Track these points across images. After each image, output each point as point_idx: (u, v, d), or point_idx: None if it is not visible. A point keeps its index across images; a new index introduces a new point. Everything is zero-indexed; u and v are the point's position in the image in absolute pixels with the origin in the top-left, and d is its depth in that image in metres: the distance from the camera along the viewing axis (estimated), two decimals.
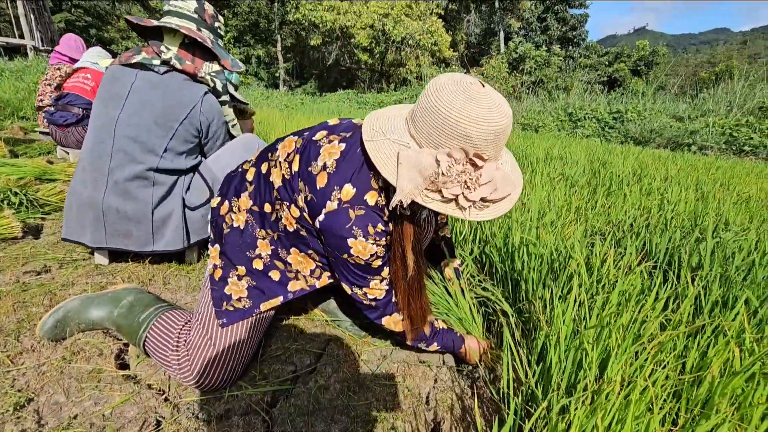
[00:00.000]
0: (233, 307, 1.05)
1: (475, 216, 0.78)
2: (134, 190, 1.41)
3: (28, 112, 5.15)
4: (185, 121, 1.43)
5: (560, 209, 1.92)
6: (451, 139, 0.75)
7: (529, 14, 27.00)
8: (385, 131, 0.83)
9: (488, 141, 0.75)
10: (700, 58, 44.94)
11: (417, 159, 0.75)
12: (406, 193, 0.75)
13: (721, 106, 9.71)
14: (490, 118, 0.74)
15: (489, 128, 0.74)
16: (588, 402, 0.79)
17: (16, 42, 14.38)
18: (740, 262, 1.37)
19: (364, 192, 0.87)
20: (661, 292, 1.13)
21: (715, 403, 0.83)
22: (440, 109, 0.75)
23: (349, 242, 0.86)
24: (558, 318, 0.97)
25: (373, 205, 0.87)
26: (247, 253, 1.05)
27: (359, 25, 20.44)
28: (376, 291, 0.97)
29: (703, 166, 4.16)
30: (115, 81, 1.44)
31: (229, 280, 1.06)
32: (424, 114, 0.78)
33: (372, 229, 0.86)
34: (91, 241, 1.46)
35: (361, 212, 0.86)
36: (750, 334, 0.95)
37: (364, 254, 0.88)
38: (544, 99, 13.30)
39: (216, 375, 0.99)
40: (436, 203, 0.77)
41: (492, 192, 0.77)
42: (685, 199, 2.23)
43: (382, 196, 0.88)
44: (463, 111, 0.73)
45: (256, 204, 1.04)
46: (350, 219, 0.85)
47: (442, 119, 0.75)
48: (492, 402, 1.07)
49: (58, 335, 1.14)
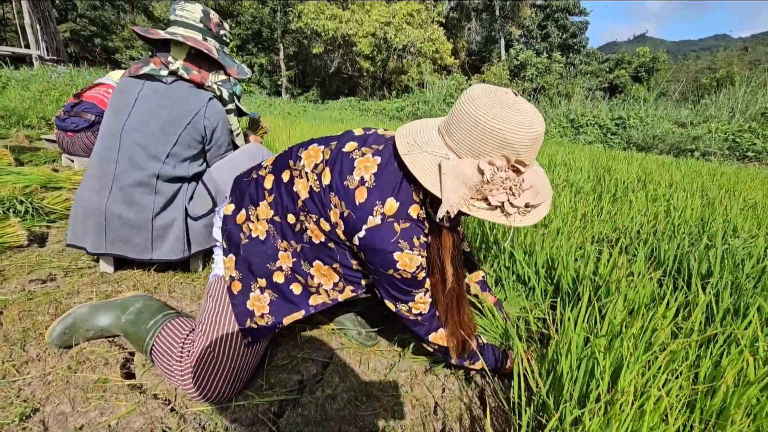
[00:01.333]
0: (257, 325, 1.02)
1: (519, 222, 0.78)
2: (137, 196, 1.42)
3: (33, 120, 5.19)
4: (189, 126, 1.44)
5: (566, 216, 1.91)
6: (492, 147, 0.76)
7: (529, 22, 27.19)
8: (421, 144, 0.83)
9: (527, 147, 0.77)
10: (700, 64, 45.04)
11: (459, 169, 0.76)
12: (452, 204, 0.76)
13: (724, 111, 9.71)
14: (528, 124, 0.75)
15: (528, 134, 0.75)
16: (602, 413, 0.78)
17: (21, 51, 14.55)
18: (750, 269, 1.36)
19: (407, 206, 0.87)
20: (671, 300, 1.12)
21: (730, 413, 0.82)
22: (479, 117, 0.76)
23: (396, 256, 0.85)
24: (569, 327, 0.96)
25: (416, 218, 0.88)
26: (267, 265, 1.02)
27: (361, 33, 20.60)
28: (421, 305, 0.95)
29: (707, 172, 4.14)
30: (123, 92, 1.47)
31: (251, 294, 1.03)
32: (462, 124, 0.78)
33: (417, 241, 0.86)
34: (91, 246, 1.46)
35: (406, 225, 0.86)
36: (764, 342, 0.93)
37: (411, 267, 0.87)
38: (545, 106, 13.32)
39: (219, 387, 0.98)
40: (482, 211, 0.78)
41: (534, 197, 0.78)
42: (692, 205, 2.22)
43: (423, 209, 0.89)
44: (502, 118, 0.75)
45: (278, 214, 1.01)
46: (396, 233, 0.85)
47: (481, 128, 0.76)
48: (501, 412, 1.05)
49: (67, 342, 1.13)
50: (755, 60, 33.76)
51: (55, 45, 15.28)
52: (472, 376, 1.19)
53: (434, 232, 0.90)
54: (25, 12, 13.86)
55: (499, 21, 26.55)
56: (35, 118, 5.24)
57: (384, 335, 1.37)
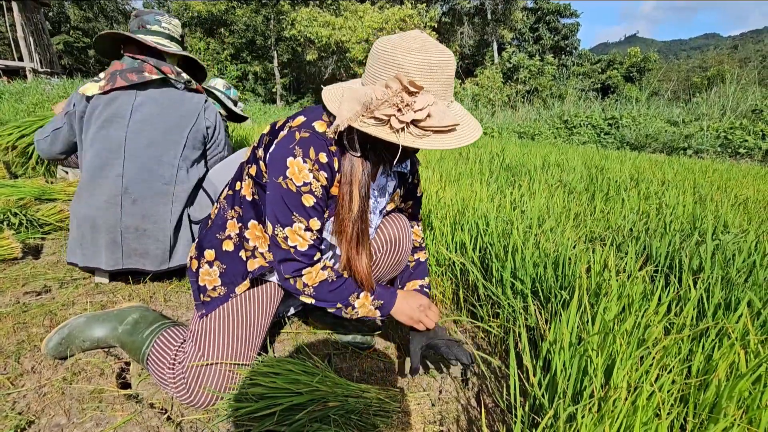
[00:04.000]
0: (209, 297, 1.06)
1: (410, 142, 0.79)
2: (153, 207, 1.43)
3: None
4: (193, 128, 1.49)
5: (559, 216, 1.93)
6: (386, 70, 0.81)
7: (521, 25, 27.42)
8: (342, 85, 0.90)
9: (422, 71, 0.79)
10: (691, 63, 45.51)
11: (358, 92, 0.81)
12: (344, 119, 0.80)
13: (715, 109, 9.81)
14: (423, 50, 0.80)
15: (422, 58, 0.79)
16: (595, 409, 0.79)
17: (15, 64, 14.56)
18: (741, 264, 1.37)
19: (313, 120, 0.91)
20: (663, 296, 1.13)
21: (722, 406, 0.83)
22: (379, 47, 0.84)
23: (288, 161, 0.88)
24: (563, 325, 0.97)
25: (320, 132, 0.90)
26: (217, 235, 1.07)
27: (354, 39, 20.71)
28: (298, 238, 0.93)
29: (699, 170, 4.18)
30: (111, 103, 1.44)
31: (200, 270, 1.07)
32: (370, 59, 0.87)
33: (313, 153, 0.88)
34: (106, 264, 1.44)
35: (306, 134, 0.89)
36: (754, 335, 0.94)
37: (298, 179, 0.88)
38: (539, 107, 13.42)
39: (211, 392, 0.98)
40: (371, 127, 0.80)
41: (426, 118, 0.78)
42: (683, 202, 2.24)
43: (331, 130, 0.87)
44: (397, 44, 0.81)
45: (231, 188, 1.07)
46: (294, 140, 0.89)
47: (378, 53, 0.83)
48: (498, 412, 1.05)
49: (63, 353, 1.13)
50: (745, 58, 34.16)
51: (49, 57, 15.30)
52: (468, 378, 1.20)
53: (343, 159, 0.92)
54: (18, 25, 13.88)
55: (492, 25, 26.77)
56: None
57: (379, 339, 1.37)
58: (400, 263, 1.20)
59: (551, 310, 1.24)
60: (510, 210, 1.92)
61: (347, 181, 0.92)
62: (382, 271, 1.18)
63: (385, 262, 1.16)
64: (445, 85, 0.83)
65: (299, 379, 0.99)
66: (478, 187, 2.44)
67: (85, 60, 28.28)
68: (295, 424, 0.91)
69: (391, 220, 1.16)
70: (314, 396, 0.96)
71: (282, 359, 1.05)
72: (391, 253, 1.16)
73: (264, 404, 0.94)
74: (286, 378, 0.99)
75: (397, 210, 1.24)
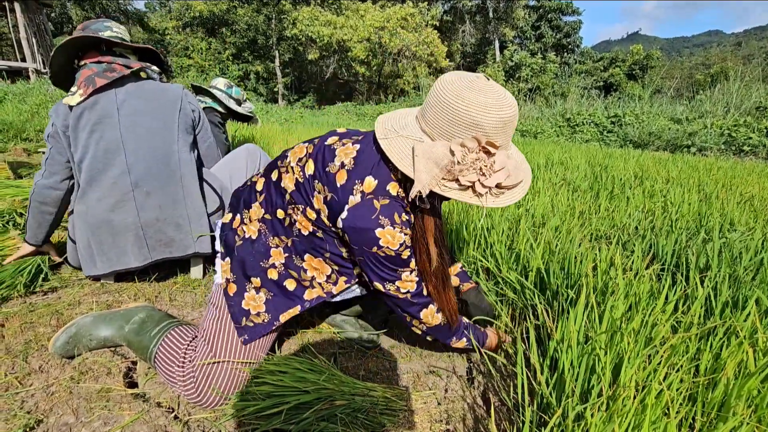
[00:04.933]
0: (253, 323, 1.04)
1: (491, 203, 0.81)
2: (167, 195, 1.45)
3: (31, 134, 5.20)
4: (181, 113, 1.51)
5: (564, 214, 1.92)
6: (463, 129, 0.79)
7: (523, 23, 27.33)
8: (397, 129, 0.86)
9: (498, 129, 0.79)
10: (694, 60, 45.27)
11: (432, 151, 0.79)
12: (424, 184, 0.78)
13: (718, 107, 9.75)
14: (498, 107, 0.78)
15: (498, 116, 0.78)
16: (603, 408, 0.78)
17: (18, 65, 14.61)
18: (748, 261, 1.37)
19: (385, 183, 0.89)
20: (670, 294, 1.13)
21: (731, 405, 0.82)
22: (449, 101, 0.78)
23: (377, 233, 0.86)
24: (570, 323, 0.97)
25: (396, 195, 0.89)
26: (260, 263, 1.04)
27: (356, 38, 20.69)
28: (408, 284, 0.96)
29: (703, 167, 4.16)
30: (94, 106, 1.39)
31: (246, 294, 1.05)
32: (435, 108, 0.81)
33: (398, 217, 0.88)
34: (136, 260, 1.46)
35: (385, 201, 0.87)
36: (763, 334, 0.94)
37: (394, 244, 0.88)
38: (541, 105, 13.38)
39: (221, 392, 0.98)
40: (454, 192, 0.80)
41: (506, 178, 0.80)
42: (689, 200, 2.23)
43: (402, 189, 0.90)
44: (472, 101, 0.77)
45: (268, 212, 1.04)
46: (376, 209, 0.86)
47: (452, 110, 0.78)
48: (505, 411, 1.05)
49: (70, 352, 1.14)
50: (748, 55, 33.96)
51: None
52: (474, 376, 1.20)
53: (415, 213, 0.91)
54: (21, 26, 13.92)
55: (493, 23, 26.70)
56: (32, 132, 5.26)
57: (385, 338, 1.37)
58: None
59: (558, 309, 1.24)
60: (514, 208, 1.91)
61: (421, 233, 0.92)
62: None
63: None
64: (510, 135, 0.84)
65: (306, 377, 0.99)
66: None
67: None
68: (302, 422, 0.92)
69: None
70: (321, 394, 0.97)
71: (289, 357, 1.06)
72: None
73: (271, 402, 0.94)
74: (293, 376, 0.99)
75: None
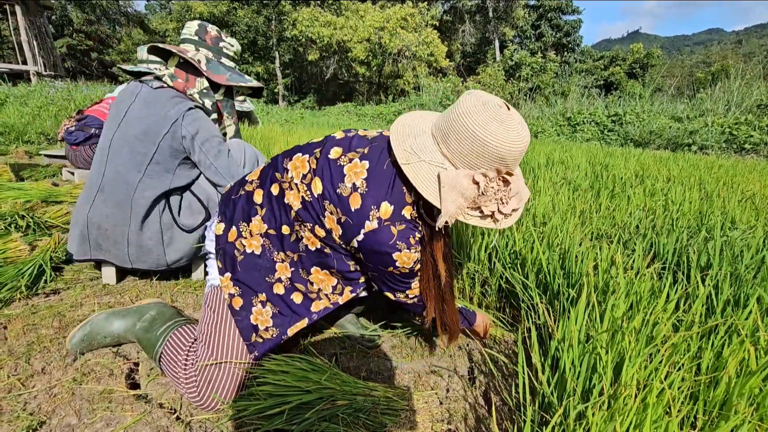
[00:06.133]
0: (262, 339, 1.04)
1: (506, 225, 0.86)
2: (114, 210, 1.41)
3: (32, 136, 5.21)
4: (167, 135, 1.42)
5: (565, 213, 1.92)
6: (487, 161, 0.81)
7: (523, 22, 27.29)
8: (418, 152, 0.86)
9: (517, 160, 0.83)
10: (695, 58, 45.16)
11: (457, 180, 0.81)
12: (451, 214, 0.81)
13: (719, 105, 9.74)
14: (520, 140, 0.81)
15: (519, 149, 0.81)
16: (605, 407, 0.78)
17: (19, 68, 14.64)
18: (750, 260, 1.36)
19: (401, 208, 0.91)
20: (671, 293, 1.12)
21: (733, 403, 0.82)
22: (476, 133, 0.79)
23: (395, 256, 0.91)
24: (571, 322, 0.97)
25: (410, 218, 0.92)
26: (266, 278, 1.03)
27: (356, 39, 20.69)
28: (416, 290, 1.04)
29: (704, 166, 4.15)
30: (119, 103, 1.49)
31: (253, 309, 1.03)
32: (459, 136, 0.82)
33: (413, 240, 0.92)
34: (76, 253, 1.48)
35: (402, 227, 0.90)
36: (764, 332, 0.94)
37: (409, 263, 0.93)
38: (542, 105, 13.36)
39: (222, 396, 0.98)
40: (475, 219, 0.85)
41: (519, 202, 0.85)
42: (690, 199, 2.23)
43: (415, 210, 0.93)
44: (498, 135, 0.79)
45: (272, 227, 1.01)
46: (393, 235, 0.90)
47: (479, 143, 0.80)
48: (506, 410, 1.05)
49: (86, 348, 1.17)
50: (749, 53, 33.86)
51: (52, 60, 15.38)
52: (476, 376, 1.20)
53: (426, 232, 0.95)
54: (22, 28, 13.96)
55: (493, 22, 26.67)
56: (34, 134, 5.27)
57: (386, 338, 1.37)
58: None
59: (559, 309, 1.24)
60: None
61: (429, 250, 0.95)
62: None
63: None
64: None
65: (308, 376, 1.00)
66: None
67: (88, 63, 28.41)
68: (304, 422, 0.92)
69: None
70: (322, 394, 0.97)
71: (290, 357, 1.06)
72: None
73: (273, 402, 0.94)
74: (295, 376, 0.99)
75: None
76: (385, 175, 0.91)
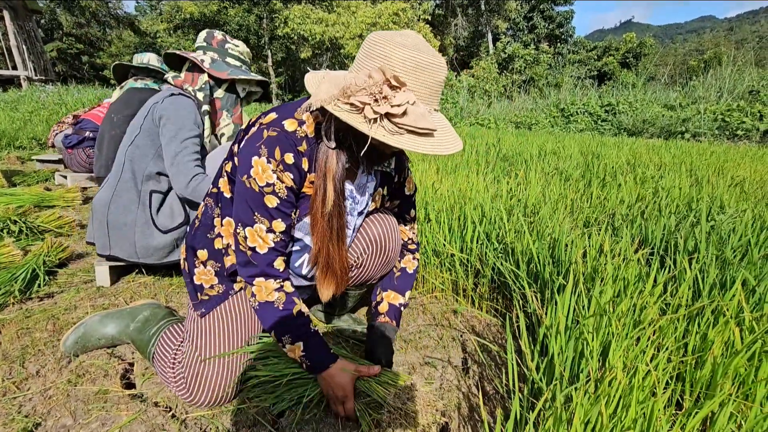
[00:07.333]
0: (208, 296, 1.05)
1: (381, 136, 0.76)
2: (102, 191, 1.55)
3: (24, 141, 5.18)
4: (148, 115, 1.57)
5: (555, 203, 1.93)
6: (372, 60, 0.79)
7: (515, 14, 27.25)
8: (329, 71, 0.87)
9: (407, 68, 0.77)
10: (688, 46, 45.23)
11: (338, 77, 0.80)
12: (318, 99, 0.78)
13: (712, 92, 9.78)
14: (414, 48, 0.78)
15: (410, 55, 0.77)
16: (591, 390, 0.80)
17: (9, 73, 14.52)
18: (737, 243, 1.38)
19: (283, 118, 0.89)
20: (659, 277, 1.14)
21: (718, 383, 0.84)
22: (370, 38, 0.82)
23: (253, 160, 0.86)
24: (559, 308, 0.98)
25: (290, 131, 0.88)
26: (207, 234, 1.05)
27: (348, 35, 20.62)
28: (258, 240, 0.91)
29: (696, 153, 4.18)
30: None
31: (195, 270, 1.06)
32: (360, 49, 0.84)
33: (279, 154, 0.86)
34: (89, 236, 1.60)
35: (273, 133, 0.87)
36: (749, 313, 0.95)
37: (261, 179, 0.87)
38: (535, 97, 13.37)
39: (210, 392, 0.99)
40: (344, 113, 0.77)
41: (401, 115, 0.75)
42: (680, 185, 2.25)
43: (302, 128, 0.89)
44: (388, 37, 0.79)
45: (215, 186, 1.05)
46: (261, 138, 0.87)
47: (369, 45, 0.81)
48: (498, 398, 1.07)
49: (81, 350, 1.17)
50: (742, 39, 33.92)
51: (43, 65, 15.26)
52: (469, 366, 1.21)
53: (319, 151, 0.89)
54: (11, 33, 13.83)
55: (485, 15, 26.62)
56: (26, 139, 5.24)
57: None
58: (389, 262, 1.17)
59: (548, 296, 1.25)
60: (507, 199, 1.92)
61: (321, 174, 0.88)
62: (371, 272, 1.16)
63: (373, 263, 1.14)
64: (431, 91, 0.80)
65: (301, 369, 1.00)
66: (474, 178, 2.44)
67: (79, 66, 28.20)
68: (299, 413, 0.93)
69: (375, 220, 1.12)
70: (317, 385, 0.98)
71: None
72: (377, 253, 1.12)
73: (268, 394, 0.95)
74: (289, 368, 1.00)
75: (384, 210, 1.18)
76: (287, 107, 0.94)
